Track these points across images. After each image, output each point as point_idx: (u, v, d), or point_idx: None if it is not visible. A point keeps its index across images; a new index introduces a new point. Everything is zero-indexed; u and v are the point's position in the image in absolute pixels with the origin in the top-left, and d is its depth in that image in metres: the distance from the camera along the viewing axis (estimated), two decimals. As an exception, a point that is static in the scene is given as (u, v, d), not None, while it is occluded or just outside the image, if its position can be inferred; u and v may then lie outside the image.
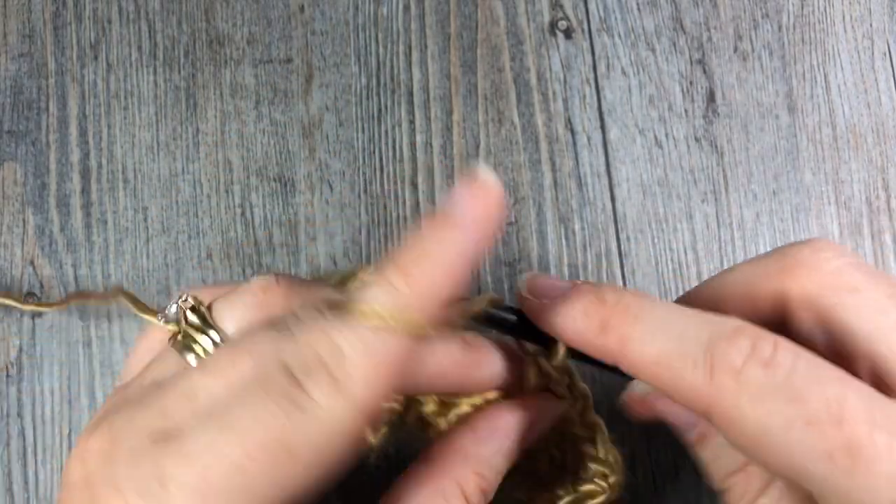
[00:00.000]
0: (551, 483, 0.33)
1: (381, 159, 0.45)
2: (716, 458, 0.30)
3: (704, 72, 0.46)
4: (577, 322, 0.27)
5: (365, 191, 0.44)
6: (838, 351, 0.27)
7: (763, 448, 0.23)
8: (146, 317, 0.31)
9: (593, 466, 0.32)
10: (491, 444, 0.29)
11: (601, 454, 0.32)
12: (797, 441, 0.23)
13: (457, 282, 0.24)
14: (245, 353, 0.24)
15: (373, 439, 0.25)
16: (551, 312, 0.28)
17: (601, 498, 0.31)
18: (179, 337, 0.28)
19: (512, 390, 0.31)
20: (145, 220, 0.44)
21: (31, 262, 0.43)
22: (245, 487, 0.21)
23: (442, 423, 0.31)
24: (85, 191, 0.44)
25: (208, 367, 0.25)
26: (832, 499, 0.23)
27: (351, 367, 0.23)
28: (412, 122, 0.45)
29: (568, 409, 0.32)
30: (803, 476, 0.23)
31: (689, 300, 0.32)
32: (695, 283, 0.43)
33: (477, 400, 0.31)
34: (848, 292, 0.27)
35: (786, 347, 0.24)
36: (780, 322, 0.28)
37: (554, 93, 0.46)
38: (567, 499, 0.32)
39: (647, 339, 0.25)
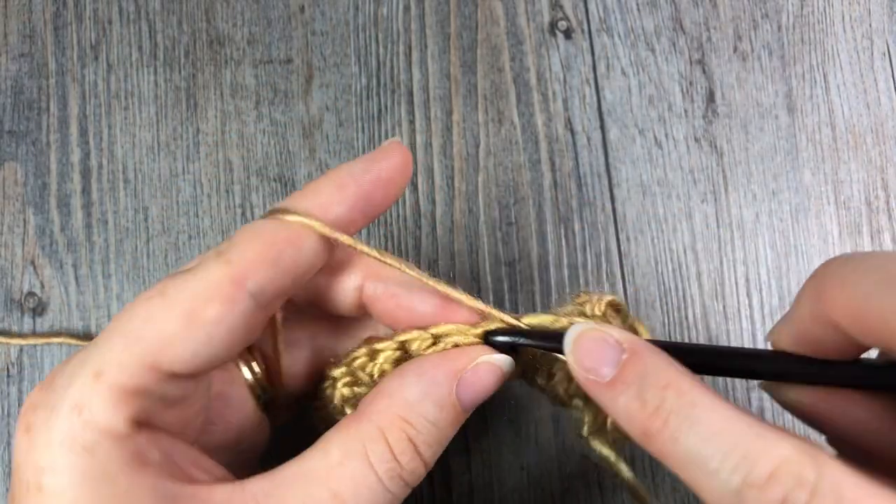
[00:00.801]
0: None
1: (381, 159, 0.45)
2: None
3: (704, 72, 0.46)
4: (623, 421, 0.26)
5: (365, 191, 0.44)
6: None
7: None
8: None
9: None
10: (417, 387, 0.28)
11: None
12: None
13: (351, 199, 0.29)
14: None
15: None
16: (601, 395, 0.27)
17: None
18: None
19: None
20: (146, 220, 0.44)
21: (32, 262, 0.43)
22: (127, 332, 0.25)
23: None
24: (85, 191, 0.44)
25: None
26: None
27: (234, 241, 0.28)
28: (412, 122, 0.45)
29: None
30: None
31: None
32: (694, 284, 0.44)
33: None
34: None
35: (824, 494, 0.22)
36: None
37: (554, 93, 0.46)
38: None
39: (685, 464, 0.24)
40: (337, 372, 0.31)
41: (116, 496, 0.24)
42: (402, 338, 0.30)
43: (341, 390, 0.31)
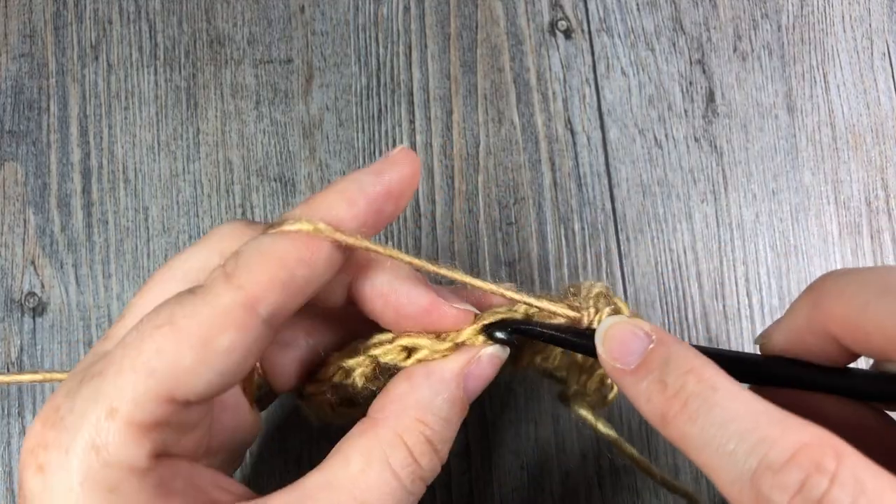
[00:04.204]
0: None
1: (381, 159, 0.45)
2: None
3: (704, 72, 0.46)
4: (642, 405, 0.27)
5: (365, 191, 0.44)
6: None
7: None
8: None
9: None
10: (428, 387, 0.29)
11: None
12: None
13: (362, 215, 0.28)
14: None
15: None
16: (624, 381, 0.28)
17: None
18: None
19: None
20: (146, 220, 0.44)
21: (32, 262, 0.44)
22: (138, 365, 0.25)
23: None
24: (86, 191, 0.44)
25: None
26: None
27: (241, 260, 0.26)
28: (412, 122, 0.45)
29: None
30: None
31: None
32: (694, 284, 0.44)
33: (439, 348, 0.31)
34: None
35: (844, 482, 0.21)
36: None
37: (554, 93, 0.46)
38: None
39: (701, 446, 0.24)
40: (352, 361, 0.32)
41: None
42: (374, 352, 0.31)
43: (364, 373, 0.32)
